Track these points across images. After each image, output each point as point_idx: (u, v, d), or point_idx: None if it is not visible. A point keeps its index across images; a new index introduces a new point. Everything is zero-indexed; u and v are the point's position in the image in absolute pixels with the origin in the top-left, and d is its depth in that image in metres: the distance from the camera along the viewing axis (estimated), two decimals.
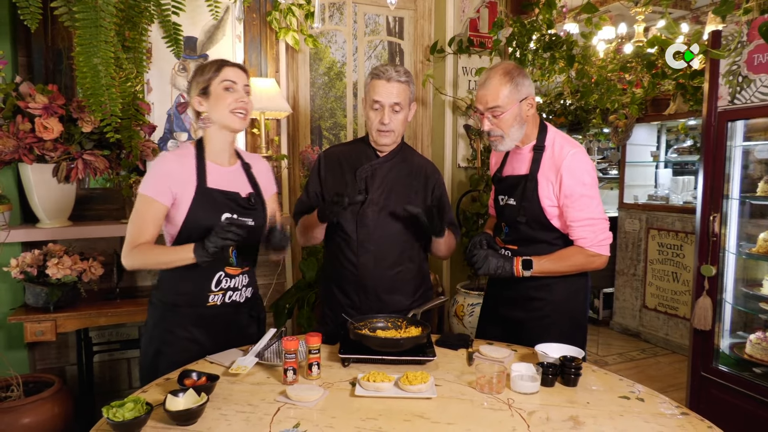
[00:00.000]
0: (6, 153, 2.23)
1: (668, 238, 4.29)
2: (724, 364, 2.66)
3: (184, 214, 1.62)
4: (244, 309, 1.79)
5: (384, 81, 1.81)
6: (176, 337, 1.66)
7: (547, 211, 1.79)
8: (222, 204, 1.65)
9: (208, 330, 1.70)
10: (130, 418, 1.18)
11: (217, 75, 1.63)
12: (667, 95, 4.33)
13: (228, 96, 1.64)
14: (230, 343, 1.72)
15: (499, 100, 1.74)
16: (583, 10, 3.25)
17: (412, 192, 1.92)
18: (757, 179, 2.67)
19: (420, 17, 3.60)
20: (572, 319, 1.88)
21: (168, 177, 1.61)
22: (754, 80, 2.40)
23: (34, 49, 2.60)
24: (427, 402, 1.37)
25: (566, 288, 1.85)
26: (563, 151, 1.76)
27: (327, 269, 2.03)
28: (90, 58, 1.73)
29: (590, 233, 1.75)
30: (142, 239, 1.59)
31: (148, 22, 2.10)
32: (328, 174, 1.96)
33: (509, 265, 1.77)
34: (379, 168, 1.91)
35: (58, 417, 2.25)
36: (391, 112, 1.82)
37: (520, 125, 1.79)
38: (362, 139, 2.00)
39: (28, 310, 2.38)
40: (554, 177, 1.76)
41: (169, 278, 1.67)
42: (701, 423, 1.30)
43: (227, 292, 1.72)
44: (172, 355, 1.64)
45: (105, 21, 1.72)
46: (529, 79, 1.78)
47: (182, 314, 1.67)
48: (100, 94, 1.79)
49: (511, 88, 1.74)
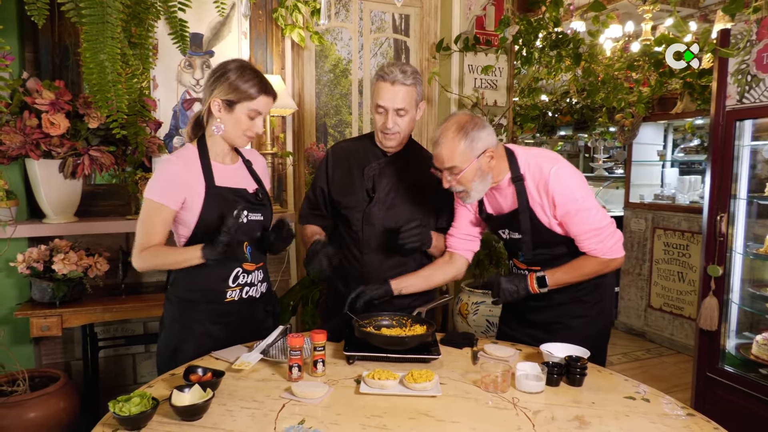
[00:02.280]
0: (13, 148, 2.24)
1: (674, 237, 4.27)
2: (730, 365, 2.64)
3: (197, 215, 1.62)
4: (260, 304, 1.80)
5: (388, 84, 1.76)
6: (193, 333, 1.67)
7: (555, 230, 1.73)
8: (232, 201, 1.65)
9: (226, 325, 1.71)
10: (136, 412, 1.19)
11: (251, 102, 1.60)
12: (674, 94, 4.31)
13: (249, 123, 1.63)
14: (246, 338, 1.72)
15: (456, 160, 1.62)
16: (590, 8, 3.23)
17: (418, 191, 1.92)
18: (765, 179, 2.65)
19: (426, 14, 3.59)
20: (604, 319, 1.89)
21: (174, 181, 1.60)
22: (763, 79, 2.38)
23: (41, 45, 2.61)
24: (431, 400, 1.37)
25: (599, 291, 1.84)
26: (543, 172, 1.67)
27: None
28: (96, 54, 1.74)
29: (598, 243, 1.70)
30: (151, 243, 1.60)
31: (155, 19, 2.10)
32: (336, 170, 1.95)
33: (524, 285, 1.72)
34: (386, 167, 1.91)
35: (63, 411, 2.26)
36: (395, 116, 1.79)
37: (482, 179, 1.67)
38: (369, 136, 1.99)
39: (34, 305, 2.39)
40: (546, 200, 1.69)
41: (187, 275, 1.67)
42: (707, 424, 1.29)
43: (244, 288, 1.73)
44: (189, 351, 1.64)
45: (112, 17, 1.72)
46: (487, 128, 1.65)
47: (200, 310, 1.68)
48: (106, 90, 1.80)
49: (466, 145, 1.61)
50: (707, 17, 5.21)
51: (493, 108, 3.57)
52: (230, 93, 1.59)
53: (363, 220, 1.88)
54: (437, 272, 1.89)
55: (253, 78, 1.60)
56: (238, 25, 3.03)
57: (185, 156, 1.66)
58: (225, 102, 1.60)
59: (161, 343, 1.72)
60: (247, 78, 1.59)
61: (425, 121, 3.67)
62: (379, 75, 1.80)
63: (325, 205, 1.99)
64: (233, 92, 1.58)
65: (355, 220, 1.89)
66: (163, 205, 1.59)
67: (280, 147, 3.21)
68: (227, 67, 1.61)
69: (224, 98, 1.60)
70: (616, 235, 1.74)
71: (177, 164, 1.62)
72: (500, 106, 3.60)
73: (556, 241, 1.75)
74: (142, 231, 1.61)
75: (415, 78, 1.79)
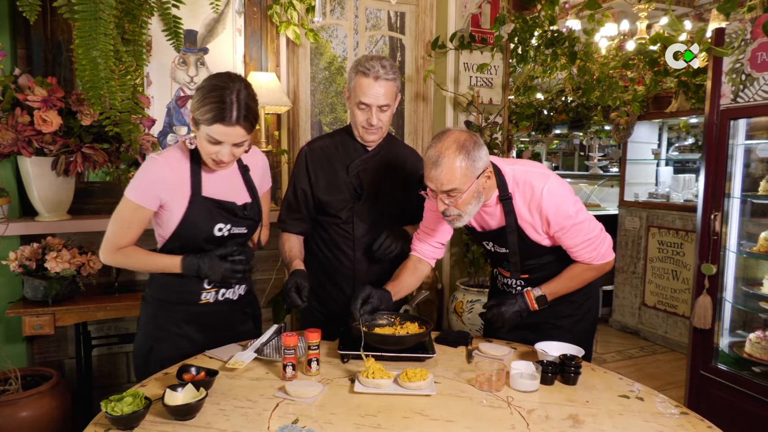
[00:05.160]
0: (4, 146, 2.22)
1: (668, 236, 4.29)
2: (723, 363, 2.66)
3: (177, 221, 1.58)
4: (238, 306, 1.77)
5: (371, 80, 1.73)
6: (168, 333, 1.65)
7: (543, 244, 1.71)
8: (216, 214, 1.61)
9: (201, 327, 1.69)
10: (128, 412, 1.18)
11: (208, 128, 1.46)
12: (669, 93, 4.32)
13: (210, 148, 1.50)
14: (224, 340, 1.70)
15: (456, 182, 1.50)
16: (585, 6, 3.23)
17: (401, 184, 1.92)
18: (759, 178, 2.66)
19: (421, 12, 3.58)
20: (592, 316, 1.88)
21: (157, 184, 1.54)
22: (757, 78, 2.39)
23: (33, 41, 2.58)
24: (426, 399, 1.37)
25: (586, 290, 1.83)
26: (535, 192, 1.61)
27: (320, 262, 1.98)
28: (89, 50, 1.71)
29: (592, 251, 1.69)
30: (124, 242, 1.57)
31: (148, 15, 2.08)
32: (317, 169, 1.91)
33: (524, 304, 1.70)
34: (370, 161, 1.89)
35: (56, 410, 2.24)
36: (379, 112, 1.77)
37: (478, 200, 1.59)
38: (346, 131, 1.94)
39: (26, 303, 2.38)
40: (537, 218, 1.65)
41: (162, 276, 1.65)
42: (701, 423, 1.29)
43: (220, 290, 1.70)
44: (163, 352, 1.63)
45: (104, 13, 1.70)
46: (484, 146, 1.56)
47: (174, 311, 1.66)
48: (99, 87, 1.78)
49: (468, 165, 1.50)
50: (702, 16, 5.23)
51: (489, 106, 3.57)
52: (194, 111, 1.48)
53: (353, 217, 1.88)
54: (412, 279, 1.85)
55: (213, 102, 1.43)
56: (233, 22, 3.01)
57: (173, 157, 1.59)
58: (193, 120, 1.51)
59: (137, 344, 1.70)
60: (208, 101, 1.44)
61: (421, 119, 3.67)
62: (359, 70, 1.75)
63: (306, 208, 1.94)
64: (195, 111, 1.47)
65: (345, 218, 1.88)
66: (141, 206, 1.54)
67: (275, 145, 3.20)
68: (203, 83, 1.50)
69: (192, 115, 1.50)
70: (607, 239, 1.73)
71: (162, 166, 1.56)
72: (496, 105, 3.60)
73: (544, 252, 1.74)
74: (115, 229, 1.56)
75: (394, 72, 1.77)
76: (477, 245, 1.72)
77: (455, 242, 3.53)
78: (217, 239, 1.63)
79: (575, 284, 1.74)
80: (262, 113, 2.96)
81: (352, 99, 1.80)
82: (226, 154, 1.50)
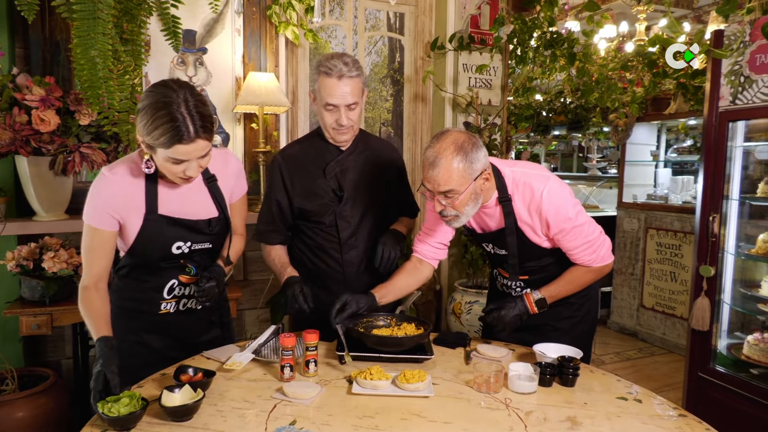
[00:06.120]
0: (2, 145, 2.21)
1: (667, 237, 4.29)
2: (721, 365, 2.66)
3: (132, 239, 1.52)
4: (203, 315, 1.71)
5: (335, 80, 1.68)
6: (125, 341, 1.56)
7: (543, 245, 1.71)
8: (173, 232, 1.54)
9: (163, 336, 1.64)
10: (125, 413, 1.17)
11: (167, 150, 1.35)
12: (667, 94, 4.33)
13: (175, 167, 1.40)
14: (187, 350, 1.65)
15: (453, 183, 1.50)
16: (584, 7, 3.23)
17: (381, 179, 1.91)
18: (757, 180, 2.66)
19: (421, 13, 3.58)
20: (591, 318, 1.88)
21: (109, 203, 1.45)
22: (756, 80, 2.39)
23: (31, 41, 2.58)
24: (424, 400, 1.37)
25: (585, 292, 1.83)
26: (535, 194, 1.61)
27: (308, 269, 1.92)
28: (87, 50, 1.71)
29: (591, 254, 1.68)
30: (94, 270, 1.47)
31: (147, 15, 2.08)
32: (294, 178, 1.86)
33: (524, 308, 1.69)
34: (345, 161, 1.87)
35: (53, 411, 2.24)
36: (348, 111, 1.74)
37: (475, 201, 1.58)
38: (317, 134, 1.90)
39: (23, 303, 2.37)
40: (537, 220, 1.64)
41: (122, 283, 1.62)
42: (699, 425, 1.29)
43: (181, 300, 1.65)
44: (123, 360, 1.52)
45: (103, 13, 1.70)
46: (483, 147, 1.55)
47: (133, 319, 1.61)
48: (97, 87, 1.77)
49: (466, 166, 1.50)
50: (701, 18, 5.23)
51: (488, 107, 3.57)
52: (144, 136, 1.36)
53: (337, 220, 1.85)
54: (411, 281, 1.84)
55: (164, 123, 1.32)
56: (232, 22, 3.01)
57: (124, 172, 1.48)
58: (144, 144, 1.38)
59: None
60: (159, 123, 1.32)
61: (420, 120, 3.67)
62: (322, 71, 1.71)
63: (283, 219, 1.90)
64: (147, 136, 1.35)
65: (328, 222, 1.86)
66: (98, 229, 1.46)
67: (274, 145, 3.20)
68: (143, 101, 1.36)
69: (141, 139, 1.37)
70: (606, 242, 1.73)
71: (111, 184, 1.46)
72: (494, 106, 3.60)
73: (543, 253, 1.74)
74: (84, 259, 1.48)
75: (357, 67, 1.73)
76: (476, 246, 1.71)
77: (454, 243, 3.52)
78: (176, 257, 1.57)
79: (574, 287, 1.75)
80: (260, 113, 2.96)
81: (319, 101, 1.76)
82: (194, 169, 1.42)
